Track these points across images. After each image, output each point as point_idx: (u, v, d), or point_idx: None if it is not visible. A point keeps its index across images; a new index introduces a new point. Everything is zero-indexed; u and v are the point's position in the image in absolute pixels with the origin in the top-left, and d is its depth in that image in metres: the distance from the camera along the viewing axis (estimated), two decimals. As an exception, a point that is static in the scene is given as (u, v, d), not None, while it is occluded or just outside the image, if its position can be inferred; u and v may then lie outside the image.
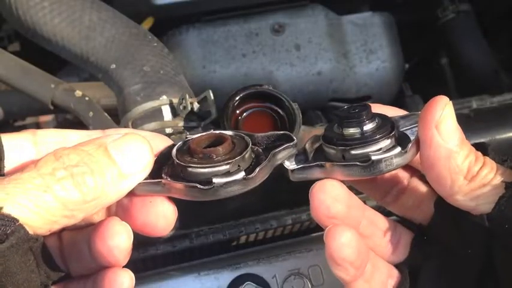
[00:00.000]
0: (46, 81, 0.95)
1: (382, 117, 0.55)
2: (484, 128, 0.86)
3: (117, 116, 0.92)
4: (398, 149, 0.52)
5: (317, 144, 0.57)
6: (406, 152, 0.52)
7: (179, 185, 0.52)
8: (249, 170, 0.52)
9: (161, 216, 0.53)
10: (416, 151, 0.53)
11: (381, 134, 0.52)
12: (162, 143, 0.56)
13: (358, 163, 0.52)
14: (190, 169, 0.51)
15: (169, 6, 1.24)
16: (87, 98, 0.93)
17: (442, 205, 0.55)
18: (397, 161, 0.52)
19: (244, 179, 0.51)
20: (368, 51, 1.31)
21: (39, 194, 0.45)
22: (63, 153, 0.48)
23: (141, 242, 0.82)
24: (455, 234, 0.56)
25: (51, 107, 0.95)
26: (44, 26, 0.93)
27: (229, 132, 0.56)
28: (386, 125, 0.53)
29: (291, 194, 0.84)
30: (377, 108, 0.56)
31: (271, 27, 1.31)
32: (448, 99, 0.51)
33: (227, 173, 0.51)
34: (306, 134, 0.81)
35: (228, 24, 1.30)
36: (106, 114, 0.92)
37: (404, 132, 0.55)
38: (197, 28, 1.30)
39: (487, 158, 0.52)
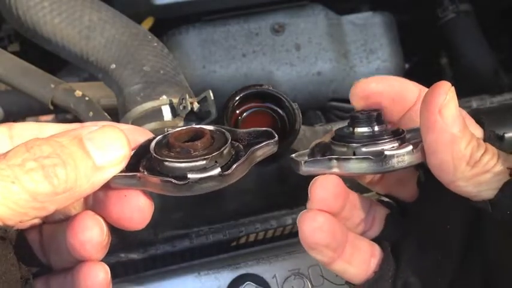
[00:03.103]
0: (46, 81, 0.95)
1: (392, 123, 0.56)
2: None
3: (117, 116, 0.92)
4: (410, 147, 0.52)
5: (325, 149, 0.58)
6: (417, 151, 0.53)
7: (154, 179, 0.51)
8: (226, 167, 0.51)
9: (136, 210, 0.53)
10: None
11: (392, 135, 0.54)
12: (142, 136, 0.55)
13: (371, 157, 0.52)
14: (166, 163, 0.51)
15: (169, 6, 1.24)
16: (87, 98, 0.93)
17: (424, 183, 0.56)
18: (408, 158, 0.52)
19: (220, 175, 0.50)
20: (368, 51, 1.31)
21: (6, 185, 0.45)
22: (35, 144, 0.47)
23: (141, 242, 0.82)
24: (435, 211, 0.57)
25: (51, 107, 0.95)
26: (44, 26, 0.93)
27: (209, 127, 0.56)
28: (396, 128, 0.55)
29: (291, 194, 0.84)
30: (383, 79, 0.57)
31: (271, 27, 1.31)
32: (450, 84, 0.51)
33: (203, 169, 0.50)
34: (312, 139, 0.82)
35: (228, 24, 1.30)
36: (106, 114, 0.92)
37: (411, 142, 0.55)
38: (197, 28, 1.30)
39: (488, 145, 0.53)
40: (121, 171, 0.51)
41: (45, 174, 0.46)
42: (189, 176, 0.50)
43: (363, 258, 0.58)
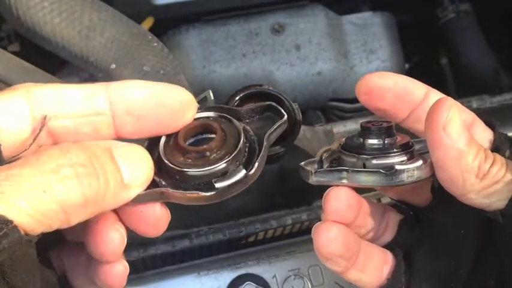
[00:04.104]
0: (46, 81, 0.95)
1: (401, 136, 0.56)
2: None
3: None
4: (420, 162, 0.53)
5: (333, 157, 0.58)
6: (427, 166, 0.53)
7: (179, 194, 0.48)
8: (246, 163, 0.49)
9: (152, 223, 0.51)
10: None
11: (402, 148, 0.54)
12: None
13: (381, 171, 0.52)
14: (186, 172, 0.48)
15: (169, 6, 1.24)
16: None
17: (438, 189, 0.55)
18: (418, 173, 0.53)
19: (245, 177, 0.48)
20: (368, 51, 1.31)
21: (37, 195, 0.41)
22: (71, 149, 0.44)
23: (141, 242, 0.82)
24: (449, 216, 0.57)
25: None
26: (44, 26, 0.93)
27: (212, 115, 0.53)
28: (406, 141, 0.55)
29: (291, 194, 0.84)
30: (388, 75, 0.57)
31: (271, 27, 1.31)
32: (452, 100, 0.51)
33: (227, 174, 0.48)
34: (312, 139, 0.81)
35: (228, 24, 1.30)
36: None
37: (420, 154, 0.56)
38: (197, 28, 1.30)
39: (497, 155, 0.53)
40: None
41: (79, 184, 0.43)
42: (217, 185, 0.47)
43: (375, 266, 0.58)
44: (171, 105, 0.49)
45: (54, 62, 1.17)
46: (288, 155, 0.75)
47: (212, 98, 0.83)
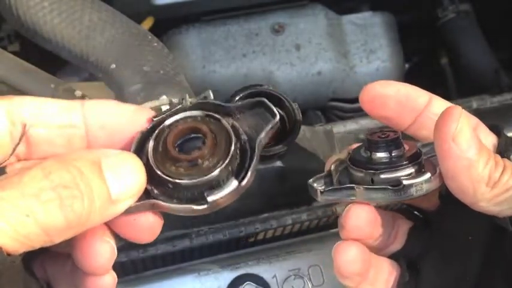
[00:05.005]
0: (46, 81, 0.95)
1: (409, 144, 0.56)
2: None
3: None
4: (428, 175, 0.52)
5: (341, 167, 0.58)
6: (436, 178, 0.53)
7: (171, 206, 0.47)
8: (238, 168, 0.48)
9: (146, 229, 0.50)
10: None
11: (409, 160, 0.53)
12: (145, 116, 0.51)
13: (389, 187, 0.52)
14: (179, 183, 0.47)
15: (169, 6, 1.24)
16: (87, 98, 0.93)
17: (445, 195, 0.55)
18: (426, 186, 0.52)
19: (237, 188, 0.47)
20: (368, 51, 1.31)
21: (20, 218, 0.40)
22: (53, 169, 0.43)
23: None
24: (457, 222, 0.57)
25: (51, 107, 0.94)
26: (44, 26, 0.93)
27: (198, 113, 0.51)
28: (413, 152, 0.54)
29: (291, 194, 0.84)
30: (389, 83, 0.57)
31: (271, 27, 1.31)
32: (461, 109, 0.51)
33: (219, 184, 0.47)
34: (312, 139, 0.81)
35: (228, 24, 1.30)
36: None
37: (428, 158, 0.55)
38: (197, 28, 1.30)
39: (507, 161, 0.52)
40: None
41: (61, 207, 0.42)
42: (209, 199, 0.46)
43: (384, 278, 0.59)
44: (140, 124, 0.51)
45: (54, 62, 1.17)
46: (288, 155, 0.75)
47: (212, 98, 0.83)
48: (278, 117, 0.50)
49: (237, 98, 0.73)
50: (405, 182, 0.52)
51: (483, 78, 1.36)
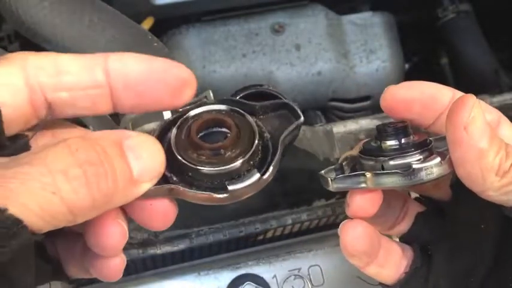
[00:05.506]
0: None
1: (418, 134, 0.56)
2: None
3: (117, 116, 0.92)
4: (438, 159, 0.53)
5: (354, 162, 0.58)
6: (445, 163, 0.53)
7: (191, 193, 0.47)
8: (260, 163, 0.48)
9: (161, 216, 0.49)
10: None
11: (419, 147, 0.54)
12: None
13: (399, 171, 0.52)
14: (200, 170, 0.47)
15: (169, 6, 1.24)
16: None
17: (457, 184, 0.55)
18: (437, 170, 0.52)
19: (259, 180, 0.47)
20: (368, 51, 1.31)
21: (47, 197, 0.39)
22: (79, 146, 0.41)
23: (141, 242, 0.82)
24: (469, 211, 0.57)
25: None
26: (44, 26, 0.93)
27: (223, 107, 0.51)
28: (423, 139, 0.55)
29: (291, 194, 0.84)
30: (414, 85, 0.56)
31: (271, 27, 1.31)
32: (475, 98, 0.51)
33: (240, 175, 0.47)
34: (312, 139, 0.81)
35: (228, 24, 1.30)
36: (107, 114, 0.92)
37: (439, 151, 0.56)
38: (197, 28, 1.30)
39: None
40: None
41: (87, 185, 0.41)
42: (230, 188, 0.46)
43: (394, 261, 0.59)
44: (171, 83, 0.47)
45: (54, 62, 1.17)
46: (288, 155, 0.75)
47: (212, 98, 0.83)
48: (302, 118, 0.51)
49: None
50: (415, 166, 0.52)
51: (483, 78, 1.36)
